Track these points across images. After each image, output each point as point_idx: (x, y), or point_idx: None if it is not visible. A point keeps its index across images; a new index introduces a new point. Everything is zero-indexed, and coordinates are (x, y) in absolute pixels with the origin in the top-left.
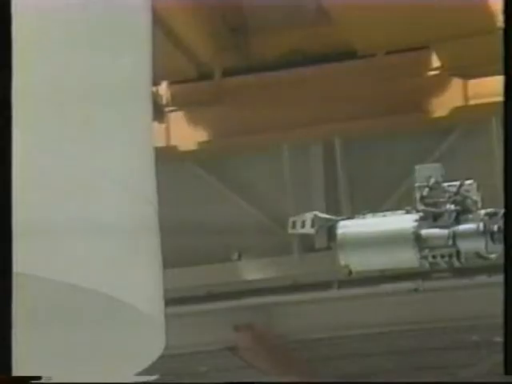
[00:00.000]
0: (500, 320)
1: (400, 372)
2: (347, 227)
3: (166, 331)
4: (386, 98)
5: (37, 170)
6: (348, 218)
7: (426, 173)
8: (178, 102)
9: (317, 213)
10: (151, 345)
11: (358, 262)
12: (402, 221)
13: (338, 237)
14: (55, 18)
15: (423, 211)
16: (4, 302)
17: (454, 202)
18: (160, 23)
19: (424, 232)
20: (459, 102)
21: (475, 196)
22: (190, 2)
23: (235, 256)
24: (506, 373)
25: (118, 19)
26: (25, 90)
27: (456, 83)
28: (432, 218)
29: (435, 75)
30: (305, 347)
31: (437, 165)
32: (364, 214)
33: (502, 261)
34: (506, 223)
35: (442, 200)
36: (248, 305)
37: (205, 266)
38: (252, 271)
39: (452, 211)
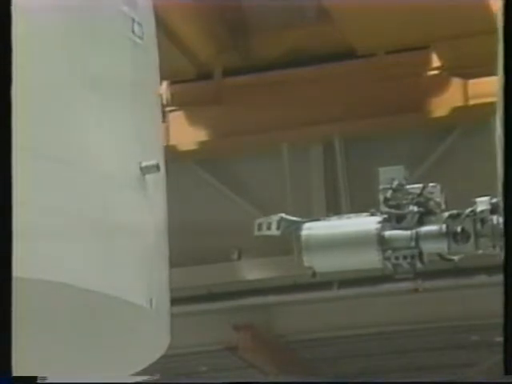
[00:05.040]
0: (500, 320)
1: (400, 372)
2: (311, 229)
3: None
4: (386, 98)
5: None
6: (313, 220)
7: (390, 175)
8: (178, 102)
9: (283, 215)
10: (156, 343)
11: (321, 263)
12: (366, 223)
13: (302, 238)
14: (57, 18)
15: (387, 213)
16: (4, 303)
17: (417, 204)
18: (160, 23)
19: (387, 233)
20: (459, 102)
21: (438, 198)
22: (190, 2)
23: (235, 256)
24: (506, 373)
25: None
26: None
27: (456, 83)
28: (395, 219)
29: (435, 75)
30: (305, 347)
31: (400, 167)
32: (329, 216)
33: (500, 261)
34: (505, 223)
35: (405, 202)
36: (248, 305)
37: (205, 265)
38: (252, 271)
39: (415, 213)
